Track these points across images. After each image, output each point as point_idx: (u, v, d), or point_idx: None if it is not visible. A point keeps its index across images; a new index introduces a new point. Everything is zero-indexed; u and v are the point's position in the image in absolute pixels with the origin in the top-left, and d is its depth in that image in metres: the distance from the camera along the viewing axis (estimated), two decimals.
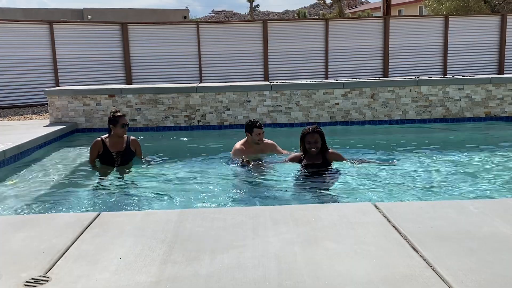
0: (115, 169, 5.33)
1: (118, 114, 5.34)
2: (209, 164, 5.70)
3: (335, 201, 4.14)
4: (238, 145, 5.63)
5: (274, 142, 5.75)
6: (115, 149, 5.37)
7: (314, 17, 44.71)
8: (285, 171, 5.04)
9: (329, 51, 14.50)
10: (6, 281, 2.17)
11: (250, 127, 5.49)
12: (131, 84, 13.16)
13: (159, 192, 4.53)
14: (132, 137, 5.59)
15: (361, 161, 5.34)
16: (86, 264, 2.33)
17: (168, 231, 2.71)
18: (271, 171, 5.12)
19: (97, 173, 5.28)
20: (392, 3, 20.99)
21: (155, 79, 13.61)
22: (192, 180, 5.00)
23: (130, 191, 4.61)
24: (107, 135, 5.45)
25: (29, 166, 5.64)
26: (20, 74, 12.27)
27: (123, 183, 4.97)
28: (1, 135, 6.70)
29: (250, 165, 5.23)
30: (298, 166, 5.10)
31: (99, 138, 5.43)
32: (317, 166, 4.96)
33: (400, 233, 2.63)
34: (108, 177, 5.15)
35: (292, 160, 5.20)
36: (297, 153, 5.25)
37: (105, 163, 5.38)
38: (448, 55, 14.96)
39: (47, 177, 5.22)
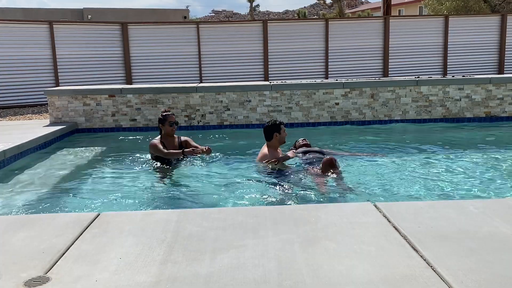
0: (173, 167, 5.37)
1: (166, 113, 5.50)
2: (209, 164, 5.70)
3: (335, 201, 4.14)
4: (266, 153, 5.18)
5: None
6: (170, 149, 5.40)
7: (314, 17, 44.72)
8: (286, 171, 5.04)
9: (329, 51, 14.49)
10: (6, 281, 2.17)
11: (278, 126, 5.17)
12: (131, 84, 13.16)
13: (160, 192, 4.53)
14: (183, 137, 5.67)
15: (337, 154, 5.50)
16: (86, 264, 2.33)
17: (168, 231, 2.71)
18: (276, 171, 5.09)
19: (153, 172, 5.30)
20: (392, 3, 20.98)
21: (155, 79, 13.61)
22: (192, 180, 5.00)
23: (130, 191, 4.61)
24: (159, 137, 5.52)
25: (29, 166, 5.64)
26: (20, 74, 12.26)
27: (123, 182, 4.97)
28: (1, 135, 6.70)
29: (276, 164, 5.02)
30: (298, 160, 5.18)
31: (156, 140, 5.45)
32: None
33: (400, 233, 2.63)
34: (108, 176, 5.15)
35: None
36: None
37: (162, 163, 5.36)
38: (448, 55, 14.95)
39: (47, 177, 5.23)
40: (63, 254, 2.45)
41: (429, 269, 2.22)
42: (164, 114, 5.50)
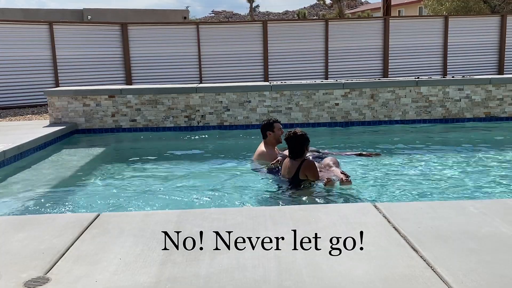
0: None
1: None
2: (209, 164, 5.70)
3: (335, 201, 4.14)
4: (263, 150, 5.25)
5: None
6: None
7: (314, 18, 44.72)
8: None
9: (329, 52, 14.49)
10: (6, 281, 2.17)
11: (271, 125, 5.23)
12: (131, 85, 13.15)
13: (159, 192, 4.53)
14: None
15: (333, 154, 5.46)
16: (86, 264, 2.33)
17: (168, 231, 2.71)
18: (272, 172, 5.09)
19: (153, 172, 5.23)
20: (392, 4, 21.00)
21: (155, 79, 13.60)
22: (192, 181, 5.00)
23: (130, 191, 4.61)
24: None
25: (29, 167, 5.64)
26: (20, 75, 12.25)
27: (123, 183, 4.97)
28: (1, 135, 6.69)
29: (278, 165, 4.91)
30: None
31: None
32: None
33: (400, 233, 2.63)
34: (108, 177, 5.15)
35: None
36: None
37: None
38: (448, 55, 14.94)
39: (47, 178, 5.23)
40: (63, 254, 2.45)
41: (429, 270, 2.22)
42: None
